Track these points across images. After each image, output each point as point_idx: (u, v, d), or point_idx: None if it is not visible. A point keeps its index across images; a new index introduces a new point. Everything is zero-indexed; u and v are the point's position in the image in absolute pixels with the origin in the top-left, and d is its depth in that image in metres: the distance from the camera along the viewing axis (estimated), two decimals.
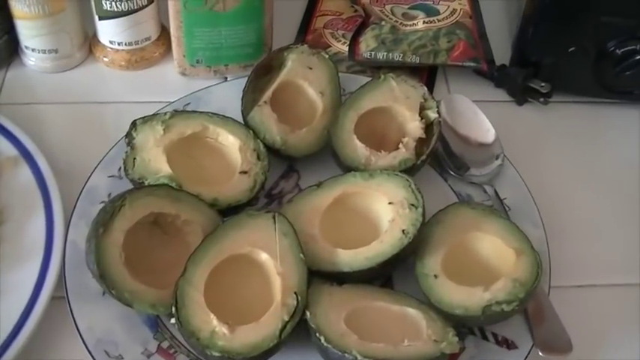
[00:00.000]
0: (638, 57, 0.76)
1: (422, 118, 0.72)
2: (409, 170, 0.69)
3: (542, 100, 0.81)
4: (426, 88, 0.73)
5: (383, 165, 0.68)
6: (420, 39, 0.83)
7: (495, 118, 0.77)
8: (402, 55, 0.82)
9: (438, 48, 0.83)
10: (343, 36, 0.86)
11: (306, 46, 0.76)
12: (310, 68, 0.74)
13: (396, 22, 0.86)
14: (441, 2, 0.89)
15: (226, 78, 0.82)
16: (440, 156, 0.73)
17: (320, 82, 0.74)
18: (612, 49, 0.76)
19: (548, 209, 0.70)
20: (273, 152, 0.71)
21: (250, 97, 0.73)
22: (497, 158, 0.72)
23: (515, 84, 0.81)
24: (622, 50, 0.76)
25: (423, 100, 0.72)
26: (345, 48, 0.84)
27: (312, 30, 0.88)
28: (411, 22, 0.86)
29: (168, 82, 0.82)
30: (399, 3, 0.89)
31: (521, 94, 0.81)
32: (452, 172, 0.72)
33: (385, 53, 0.82)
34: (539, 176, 0.74)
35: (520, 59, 0.81)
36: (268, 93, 0.73)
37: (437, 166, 0.73)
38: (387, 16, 0.86)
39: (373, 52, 0.83)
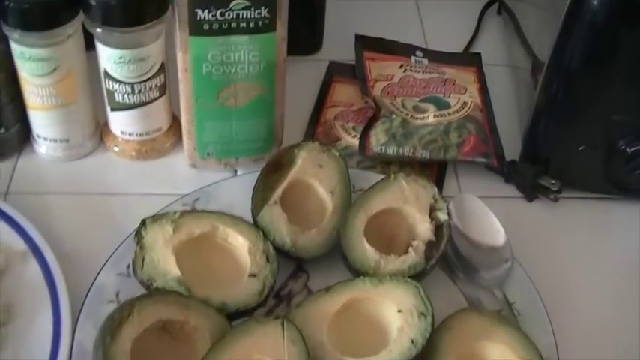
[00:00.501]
0: None
1: (432, 220, 0.71)
2: (419, 275, 0.68)
3: (552, 197, 0.81)
4: (436, 189, 0.73)
5: (392, 269, 0.68)
6: (430, 133, 0.83)
7: (505, 214, 0.77)
8: (412, 150, 0.82)
9: (448, 143, 0.82)
10: (354, 128, 0.86)
11: (316, 143, 0.76)
12: (320, 166, 0.74)
13: (407, 115, 0.86)
14: (452, 95, 0.89)
15: (236, 171, 0.82)
16: (449, 258, 0.72)
17: (330, 181, 0.74)
18: (622, 147, 0.76)
19: (558, 312, 0.70)
20: (282, 253, 0.71)
21: (260, 196, 0.73)
22: (506, 261, 0.72)
23: (525, 180, 0.81)
24: (632, 149, 0.76)
25: (433, 201, 0.72)
26: (356, 142, 0.84)
27: (323, 122, 0.88)
28: (421, 116, 0.85)
29: (178, 173, 0.83)
30: (409, 95, 0.89)
31: (531, 191, 0.81)
32: (461, 275, 0.72)
33: (396, 148, 0.82)
34: (549, 276, 0.74)
35: (530, 155, 0.81)
36: (278, 192, 0.73)
37: (446, 267, 0.73)
38: (398, 109, 0.86)
39: (384, 147, 0.83)
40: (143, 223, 0.69)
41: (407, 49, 0.97)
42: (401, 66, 0.93)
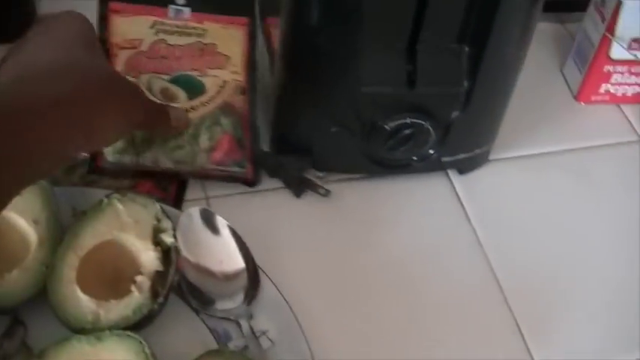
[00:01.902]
0: (408, 131, 0.66)
1: (158, 245, 0.59)
2: (147, 318, 0.57)
3: (322, 191, 0.70)
4: (158, 206, 0.60)
5: (115, 318, 0.56)
6: (175, 138, 0.67)
7: (268, 212, 0.68)
8: (154, 159, 0.67)
9: (197, 149, 0.68)
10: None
11: None
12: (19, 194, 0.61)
13: None
14: (209, 71, 0.70)
15: None
16: (181, 289, 0.60)
17: (32, 209, 0.61)
18: (380, 124, 0.65)
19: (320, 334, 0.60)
20: None
21: None
22: (248, 289, 0.60)
23: (289, 175, 0.70)
24: (392, 125, 0.65)
25: (156, 222, 0.60)
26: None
27: None
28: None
29: None
30: (159, 71, 0.69)
31: (298, 186, 0.70)
32: (197, 308, 0.60)
33: (134, 157, 0.67)
34: (319, 282, 0.65)
35: (284, 144, 0.70)
36: None
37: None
38: None
39: (119, 156, 0.67)
40: None
41: None
42: (153, 25, 0.71)
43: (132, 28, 0.70)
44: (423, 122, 0.67)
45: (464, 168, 0.74)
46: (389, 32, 0.62)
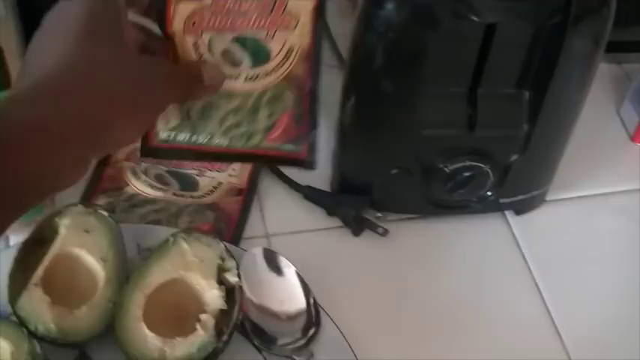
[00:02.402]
0: (467, 174, 0.66)
1: (222, 284, 0.60)
2: (211, 355, 0.58)
3: (380, 230, 0.71)
4: (222, 246, 0.62)
5: (180, 356, 0.58)
6: (234, 112, 0.59)
7: (327, 250, 0.70)
8: (209, 137, 0.59)
9: (254, 127, 0.59)
10: (146, 171, 0.74)
11: (80, 205, 0.65)
12: (87, 231, 0.63)
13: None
14: (277, 34, 0.57)
15: (8, 238, 0.70)
16: (244, 327, 0.62)
17: (100, 247, 0.63)
18: (440, 166, 0.66)
19: None
20: (52, 343, 0.59)
21: (19, 280, 0.62)
22: (310, 329, 0.61)
23: (348, 214, 0.72)
24: (452, 167, 0.66)
25: (220, 261, 0.61)
26: (147, 189, 0.72)
27: (113, 162, 0.76)
28: (230, 72, 0.58)
29: None
30: (221, 30, 0.57)
31: (358, 225, 0.71)
32: (259, 345, 0.61)
33: (188, 135, 0.59)
34: (377, 318, 0.66)
35: (345, 183, 0.71)
36: (38, 272, 0.62)
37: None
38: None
39: (173, 133, 0.59)
40: None
41: None
42: None
43: None
44: (482, 165, 0.67)
45: (521, 209, 0.75)
46: (451, 77, 0.63)
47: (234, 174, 0.74)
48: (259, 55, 0.58)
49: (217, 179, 0.74)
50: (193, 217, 0.70)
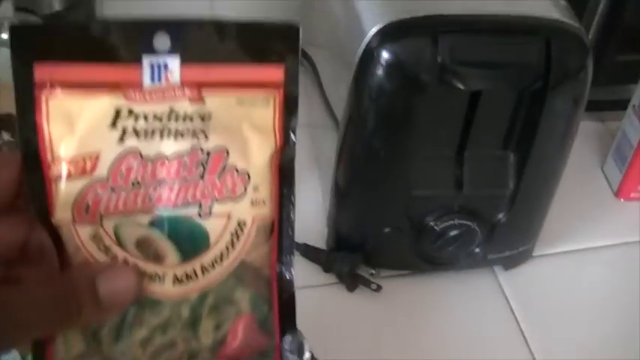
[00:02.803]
0: (456, 231, 0.69)
1: None
2: None
3: (374, 287, 0.74)
4: None
5: None
6: (163, 329, 0.40)
7: (322, 305, 0.72)
8: None
9: (196, 345, 0.41)
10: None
11: None
12: None
13: (126, 262, 0.39)
14: (216, 203, 0.40)
15: None
16: None
17: None
18: (431, 224, 0.69)
19: None
20: None
21: None
22: None
23: (342, 271, 0.74)
24: (441, 226, 0.69)
25: None
26: None
27: None
28: (151, 271, 0.39)
29: None
30: (129, 211, 0.39)
31: (351, 282, 0.74)
32: None
33: None
34: None
35: (338, 241, 0.74)
36: None
37: None
38: (97, 261, 0.39)
39: None
40: None
41: (139, 37, 0.38)
42: (117, 115, 0.38)
43: (80, 125, 0.38)
44: (470, 223, 0.70)
45: (508, 264, 0.78)
46: (439, 140, 0.67)
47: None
48: (191, 244, 0.40)
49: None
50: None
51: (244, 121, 0.40)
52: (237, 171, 0.39)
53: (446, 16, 0.62)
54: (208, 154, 0.39)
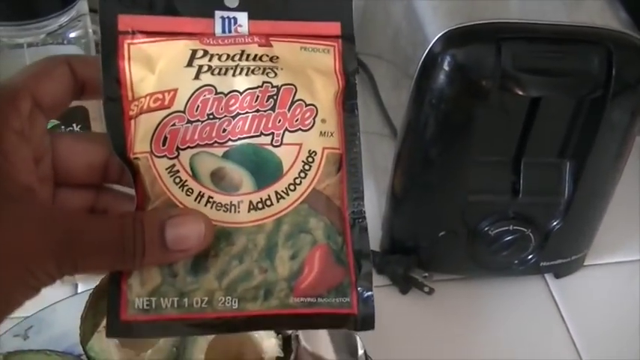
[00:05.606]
0: (510, 237, 0.70)
1: (279, 333, 0.65)
2: None
3: (426, 290, 0.75)
4: None
5: None
6: (239, 260, 0.40)
7: (376, 307, 0.70)
8: (206, 299, 0.40)
9: (273, 276, 0.41)
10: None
11: None
12: None
13: (201, 195, 0.41)
14: (286, 134, 0.42)
15: (77, 285, 0.75)
16: None
17: None
18: (485, 229, 0.70)
19: None
20: None
21: (90, 323, 0.66)
22: None
23: (396, 273, 0.75)
24: (496, 231, 0.70)
25: None
26: None
27: None
28: (226, 202, 0.41)
29: None
30: (204, 143, 0.41)
31: (405, 284, 0.75)
32: None
33: (176, 300, 0.40)
34: None
35: (393, 244, 0.75)
36: None
37: None
38: (184, 189, 0.41)
39: (154, 300, 0.40)
40: None
41: None
42: (192, 56, 0.42)
43: (159, 66, 0.41)
44: (525, 229, 0.71)
45: (560, 272, 0.78)
46: (497, 147, 0.68)
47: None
48: (265, 171, 0.42)
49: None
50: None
51: (308, 65, 0.43)
52: (305, 104, 0.42)
53: (509, 22, 0.64)
54: (278, 89, 0.42)
